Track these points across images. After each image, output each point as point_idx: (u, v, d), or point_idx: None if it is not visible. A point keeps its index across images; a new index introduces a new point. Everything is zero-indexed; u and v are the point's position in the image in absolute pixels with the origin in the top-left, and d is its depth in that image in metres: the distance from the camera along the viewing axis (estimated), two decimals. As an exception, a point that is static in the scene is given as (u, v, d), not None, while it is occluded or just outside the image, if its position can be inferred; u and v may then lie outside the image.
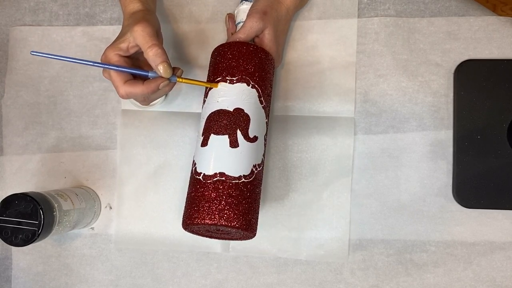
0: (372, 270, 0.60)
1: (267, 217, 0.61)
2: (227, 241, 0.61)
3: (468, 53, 0.60)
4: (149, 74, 0.51)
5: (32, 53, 0.48)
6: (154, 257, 0.62)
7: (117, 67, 0.50)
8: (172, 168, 0.62)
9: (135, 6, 0.54)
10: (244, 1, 0.60)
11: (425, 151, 0.60)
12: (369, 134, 0.61)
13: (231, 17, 0.61)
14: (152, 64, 0.50)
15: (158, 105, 0.62)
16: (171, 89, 0.54)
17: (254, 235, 0.50)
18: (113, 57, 0.51)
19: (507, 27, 0.60)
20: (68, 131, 0.64)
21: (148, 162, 0.62)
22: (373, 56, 0.61)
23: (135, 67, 0.52)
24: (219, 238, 0.53)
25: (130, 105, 0.63)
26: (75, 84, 0.65)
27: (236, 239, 0.52)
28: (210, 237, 0.53)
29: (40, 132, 0.65)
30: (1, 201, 0.51)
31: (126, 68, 0.50)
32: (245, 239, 0.52)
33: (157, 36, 0.52)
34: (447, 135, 0.60)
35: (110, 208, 0.63)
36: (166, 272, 0.62)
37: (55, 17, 0.66)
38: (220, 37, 0.63)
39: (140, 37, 0.50)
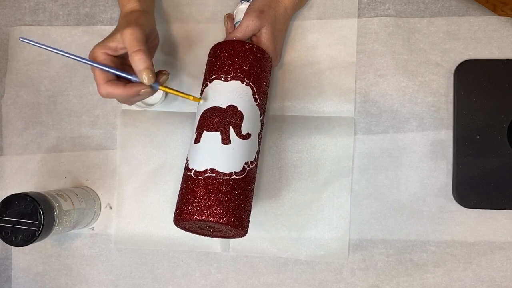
0: (372, 270, 0.60)
1: (267, 217, 0.61)
2: (226, 241, 0.61)
3: (468, 53, 0.60)
4: (132, 78, 0.50)
5: (21, 39, 0.48)
6: (154, 257, 0.62)
7: (101, 65, 0.50)
8: (172, 168, 0.62)
9: (132, 5, 0.54)
10: (243, 1, 0.59)
11: (425, 151, 0.60)
12: (369, 134, 0.61)
13: (230, 17, 0.61)
14: (136, 69, 0.49)
15: (158, 105, 0.62)
16: (152, 95, 0.53)
17: (245, 232, 0.50)
18: (100, 55, 0.50)
19: (507, 27, 0.60)
20: (68, 131, 0.64)
21: (148, 162, 0.62)
22: (373, 56, 0.61)
23: (121, 68, 0.52)
24: (211, 236, 0.53)
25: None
26: (75, 84, 0.65)
27: (228, 236, 0.52)
28: (203, 234, 0.53)
29: (40, 132, 0.65)
30: (1, 201, 0.51)
31: (109, 68, 0.50)
32: (237, 237, 0.52)
33: (147, 40, 0.51)
34: (447, 135, 0.60)
35: (110, 208, 0.63)
36: (166, 272, 0.62)
37: (55, 17, 0.66)
38: (219, 37, 0.63)
39: (128, 40, 0.49)
